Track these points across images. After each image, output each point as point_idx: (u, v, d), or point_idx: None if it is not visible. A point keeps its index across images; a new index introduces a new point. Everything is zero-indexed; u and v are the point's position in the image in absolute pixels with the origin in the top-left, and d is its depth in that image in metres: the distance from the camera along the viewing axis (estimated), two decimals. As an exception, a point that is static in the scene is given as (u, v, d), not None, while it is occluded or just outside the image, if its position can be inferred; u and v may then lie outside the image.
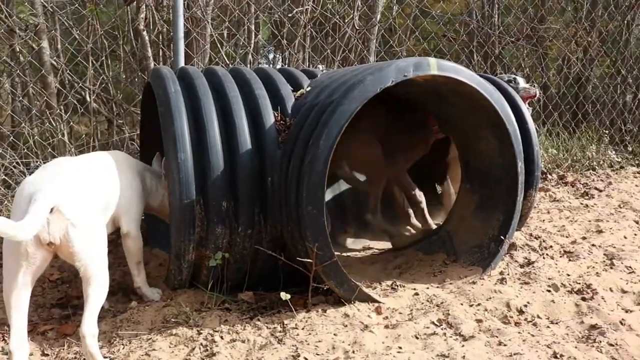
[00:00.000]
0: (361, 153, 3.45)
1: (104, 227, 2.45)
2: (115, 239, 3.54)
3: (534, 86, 4.24)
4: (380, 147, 3.47)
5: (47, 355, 2.38)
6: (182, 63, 4.09)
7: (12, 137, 4.35)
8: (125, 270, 3.24)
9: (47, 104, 4.58)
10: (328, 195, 3.87)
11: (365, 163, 3.57)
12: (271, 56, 6.80)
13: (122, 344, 2.41)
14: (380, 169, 3.54)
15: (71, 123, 4.67)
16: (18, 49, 4.75)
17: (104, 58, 4.82)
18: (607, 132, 6.53)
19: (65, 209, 2.15)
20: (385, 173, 3.58)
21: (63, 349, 2.41)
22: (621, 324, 2.50)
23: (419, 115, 3.44)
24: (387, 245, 3.71)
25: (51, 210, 2.11)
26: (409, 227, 3.74)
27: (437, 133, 3.55)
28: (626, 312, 2.65)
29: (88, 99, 4.82)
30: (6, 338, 2.45)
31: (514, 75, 4.16)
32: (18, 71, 4.58)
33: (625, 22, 7.02)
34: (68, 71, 4.61)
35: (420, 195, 3.61)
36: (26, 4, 4.73)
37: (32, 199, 2.08)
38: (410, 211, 3.68)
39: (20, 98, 5.03)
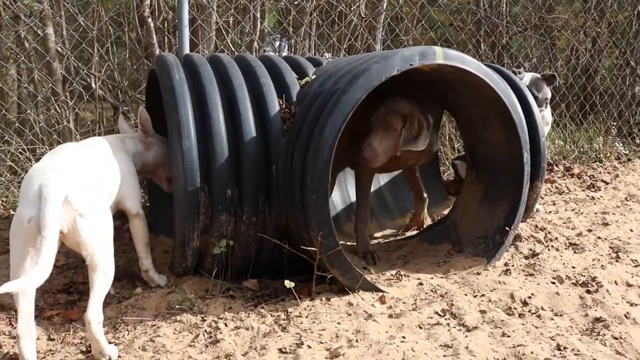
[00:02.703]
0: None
1: (110, 214, 2.45)
2: (120, 226, 3.56)
3: (544, 79, 3.86)
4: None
5: (53, 340, 2.39)
6: (186, 50, 4.07)
7: (17, 124, 4.35)
8: (130, 256, 3.25)
9: (53, 91, 4.58)
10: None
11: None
12: (277, 44, 6.76)
13: (127, 330, 2.43)
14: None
15: (77, 110, 4.66)
16: (23, 35, 4.75)
17: (109, 45, 4.81)
18: (614, 124, 6.47)
19: (73, 199, 2.16)
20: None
21: (69, 334, 2.42)
22: (626, 317, 2.49)
23: None
24: (392, 234, 3.71)
25: None
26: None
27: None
28: (631, 305, 2.64)
29: (93, 85, 4.82)
30: (13, 323, 2.47)
31: (519, 70, 3.90)
32: (23, 58, 4.57)
33: (635, 12, 6.94)
34: (73, 58, 4.61)
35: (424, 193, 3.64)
36: (31, -11, 4.72)
37: (41, 192, 2.07)
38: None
39: (26, 84, 5.02)
